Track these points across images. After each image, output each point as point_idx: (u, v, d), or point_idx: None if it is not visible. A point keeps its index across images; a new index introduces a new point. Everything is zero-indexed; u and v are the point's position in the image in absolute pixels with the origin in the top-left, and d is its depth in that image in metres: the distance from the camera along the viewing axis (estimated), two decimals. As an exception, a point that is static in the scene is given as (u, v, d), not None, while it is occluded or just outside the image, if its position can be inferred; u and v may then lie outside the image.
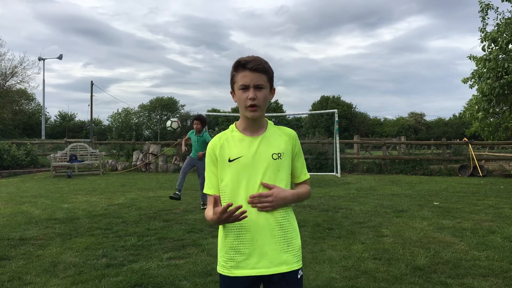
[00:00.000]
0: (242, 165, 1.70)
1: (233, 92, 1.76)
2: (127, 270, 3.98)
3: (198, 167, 7.41)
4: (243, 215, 1.57)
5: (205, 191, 1.78)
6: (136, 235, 5.33)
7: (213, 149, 1.76)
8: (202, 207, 7.23)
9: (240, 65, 1.69)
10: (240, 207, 1.56)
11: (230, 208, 1.54)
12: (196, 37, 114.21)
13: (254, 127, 1.75)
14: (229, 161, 1.72)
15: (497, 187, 10.27)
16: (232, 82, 1.74)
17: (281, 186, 1.71)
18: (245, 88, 1.68)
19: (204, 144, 7.35)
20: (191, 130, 7.65)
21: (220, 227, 1.76)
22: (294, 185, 1.85)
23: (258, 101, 1.67)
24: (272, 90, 1.75)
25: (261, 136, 1.75)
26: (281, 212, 1.70)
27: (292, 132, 1.82)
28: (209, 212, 1.70)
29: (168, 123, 7.57)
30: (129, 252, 4.60)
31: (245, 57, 1.71)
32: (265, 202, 1.65)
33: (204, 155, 7.15)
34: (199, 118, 7.62)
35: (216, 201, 1.59)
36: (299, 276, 1.73)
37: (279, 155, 1.73)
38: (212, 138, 1.95)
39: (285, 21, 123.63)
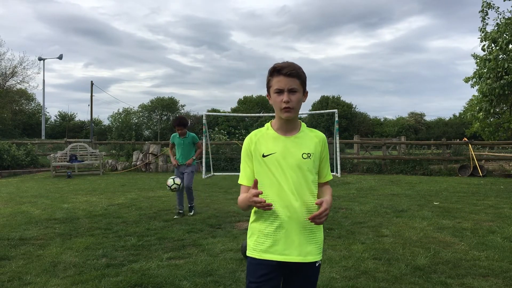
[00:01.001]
0: (274, 161, 1.86)
1: (269, 95, 1.91)
2: (127, 270, 3.98)
3: (185, 172, 6.77)
4: (268, 207, 1.73)
5: (239, 181, 1.94)
6: (136, 235, 5.33)
7: (249, 144, 1.93)
8: (175, 216, 6.54)
9: (276, 71, 1.83)
10: (267, 203, 1.72)
11: (261, 197, 1.72)
12: (196, 37, 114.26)
13: (287, 127, 1.90)
14: (263, 156, 1.88)
15: (497, 187, 10.27)
16: (268, 86, 1.89)
17: (308, 183, 1.87)
18: (280, 91, 1.83)
19: (192, 145, 6.81)
20: (173, 135, 6.90)
21: (253, 213, 1.92)
22: (318, 184, 1.99)
23: (292, 104, 1.82)
24: (305, 93, 1.90)
25: (294, 136, 1.90)
26: (307, 207, 1.84)
27: (322, 135, 1.98)
28: (241, 196, 1.88)
29: (170, 182, 6.40)
30: (129, 252, 4.60)
31: (280, 63, 1.85)
32: (322, 219, 1.77)
33: (194, 160, 6.79)
34: (181, 122, 6.74)
35: (255, 184, 1.74)
36: (317, 265, 1.90)
37: (309, 155, 1.88)
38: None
39: (286, 21, 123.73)
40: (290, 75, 1.81)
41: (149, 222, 6.12)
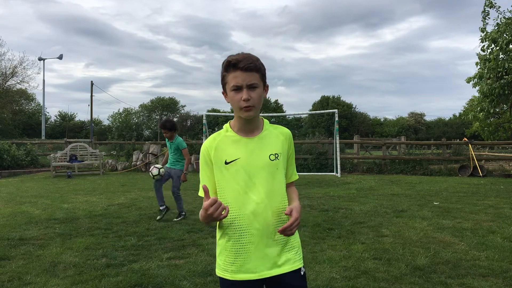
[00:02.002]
0: (239, 167, 1.65)
1: (225, 92, 1.69)
2: (127, 270, 3.98)
3: (172, 176, 6.60)
4: (223, 215, 1.53)
5: (199, 193, 1.69)
6: (136, 235, 5.33)
7: (208, 151, 1.70)
8: (158, 217, 6.37)
9: (231, 65, 1.60)
10: (223, 206, 1.52)
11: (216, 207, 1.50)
12: (197, 37, 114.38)
13: (249, 127, 1.69)
14: (226, 163, 1.66)
15: (497, 187, 10.27)
16: (224, 83, 1.66)
17: (279, 187, 1.69)
18: (237, 88, 1.60)
19: (178, 151, 6.55)
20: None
21: (219, 230, 1.73)
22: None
23: (252, 101, 1.60)
24: (265, 88, 1.68)
25: (257, 137, 1.70)
26: (278, 214, 1.67)
27: (288, 131, 1.79)
28: (202, 211, 1.62)
29: (155, 171, 6.27)
30: (129, 252, 4.60)
31: (235, 56, 1.62)
32: (294, 229, 1.63)
33: (185, 175, 6.63)
34: (165, 125, 6.44)
35: (206, 193, 1.53)
36: (302, 273, 1.71)
37: (277, 155, 1.69)
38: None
39: (287, 21, 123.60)
40: (248, 69, 1.58)
41: (149, 222, 6.12)
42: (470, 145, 14.49)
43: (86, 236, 5.31)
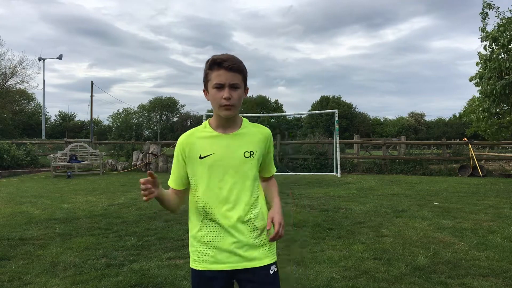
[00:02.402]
0: (213, 162, 1.70)
1: (206, 90, 1.74)
2: (127, 270, 3.98)
3: None
4: (146, 192, 1.59)
5: (168, 183, 1.80)
6: (136, 235, 5.33)
7: (183, 145, 1.75)
8: None
9: (216, 64, 1.66)
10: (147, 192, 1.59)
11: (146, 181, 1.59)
12: (198, 37, 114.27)
13: (227, 125, 1.74)
14: (200, 158, 1.71)
15: (497, 187, 10.27)
16: (206, 80, 1.71)
17: (251, 183, 1.74)
18: (220, 87, 1.66)
19: None
20: None
21: (191, 222, 1.79)
22: (261, 178, 1.90)
23: (233, 101, 1.66)
24: (245, 90, 1.74)
25: (234, 134, 1.74)
26: (249, 208, 1.72)
27: (267, 131, 1.82)
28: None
29: None
30: (129, 252, 4.60)
31: (220, 55, 1.68)
32: (282, 233, 1.71)
33: None
34: None
35: (151, 175, 1.59)
36: (271, 272, 1.73)
37: (251, 153, 1.74)
38: None
39: (291, 22, 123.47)
40: (231, 69, 1.65)
41: (149, 222, 6.12)
42: (470, 145, 14.49)
43: (86, 236, 5.31)
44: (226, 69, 1.64)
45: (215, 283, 1.71)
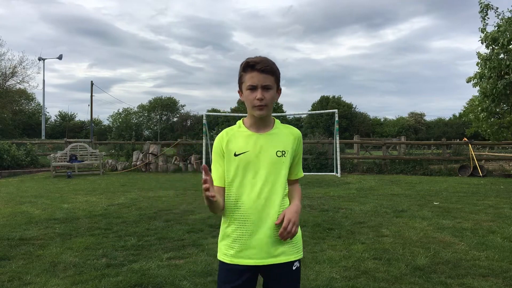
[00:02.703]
0: (247, 159, 1.77)
1: (240, 91, 1.81)
2: (127, 270, 3.97)
3: None
4: (210, 194, 1.57)
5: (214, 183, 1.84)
6: (136, 235, 5.33)
7: (221, 143, 1.82)
8: None
9: (249, 66, 1.73)
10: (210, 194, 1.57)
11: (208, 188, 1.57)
12: (198, 37, 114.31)
13: (260, 124, 1.82)
14: (235, 155, 1.78)
15: (497, 187, 10.27)
16: (240, 82, 1.79)
17: (281, 182, 1.79)
18: (253, 88, 1.73)
19: None
20: None
21: (223, 217, 1.85)
22: (288, 182, 1.90)
23: (265, 101, 1.73)
24: (278, 90, 1.81)
25: (267, 133, 1.81)
26: (281, 205, 1.78)
27: (298, 132, 1.89)
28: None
29: None
30: (129, 252, 4.60)
31: (253, 58, 1.75)
32: (291, 230, 1.73)
33: None
34: None
35: (206, 171, 1.57)
36: (294, 268, 1.80)
37: (283, 152, 1.80)
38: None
39: (291, 22, 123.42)
40: (264, 71, 1.72)
41: (149, 222, 6.12)
42: (470, 145, 14.49)
43: (86, 236, 5.31)
44: (258, 71, 1.71)
45: (241, 276, 1.76)
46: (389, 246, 4.74)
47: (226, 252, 1.80)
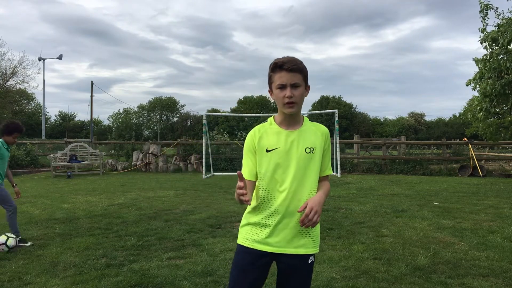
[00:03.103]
0: (278, 155, 1.88)
1: (271, 91, 1.91)
2: (127, 270, 3.98)
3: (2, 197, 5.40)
4: (244, 198, 1.69)
5: (243, 175, 1.92)
6: (136, 235, 5.33)
7: (253, 139, 1.92)
8: (26, 244, 4.90)
9: (277, 66, 1.83)
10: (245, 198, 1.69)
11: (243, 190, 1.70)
12: (198, 37, 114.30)
13: (290, 122, 1.92)
14: (267, 151, 1.89)
15: (497, 187, 10.27)
16: (270, 82, 1.90)
17: (310, 177, 1.89)
18: (282, 87, 1.83)
19: (3, 161, 5.42)
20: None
21: (250, 205, 1.93)
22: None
23: (295, 99, 1.83)
24: (307, 88, 1.91)
25: (297, 131, 1.91)
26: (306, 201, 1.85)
27: (325, 129, 2.00)
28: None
29: (11, 241, 4.70)
30: (129, 252, 4.60)
31: (281, 58, 1.85)
32: (312, 218, 1.78)
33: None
34: (22, 128, 5.23)
35: (240, 177, 1.71)
36: (309, 261, 1.90)
37: (312, 149, 1.90)
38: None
39: (292, 22, 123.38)
40: (292, 70, 1.81)
41: (149, 222, 6.11)
42: (470, 145, 14.49)
43: (86, 236, 5.31)
44: (287, 71, 1.81)
45: (257, 261, 1.87)
46: (389, 246, 4.74)
47: (247, 237, 1.90)
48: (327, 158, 1.98)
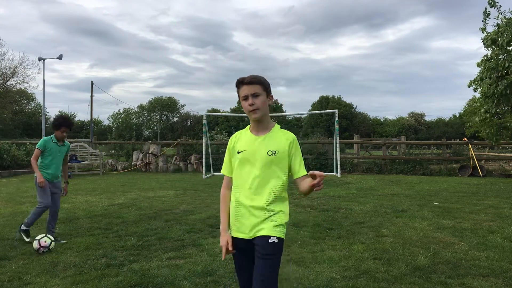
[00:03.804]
0: (245, 157, 2.20)
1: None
2: (127, 270, 3.98)
3: (55, 196, 5.33)
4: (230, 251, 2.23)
5: (221, 171, 2.36)
6: (136, 235, 5.33)
7: (232, 142, 2.29)
8: (25, 238, 5.11)
9: (240, 82, 2.18)
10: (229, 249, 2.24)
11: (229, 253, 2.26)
12: (198, 37, 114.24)
13: (259, 128, 2.23)
14: (238, 152, 2.23)
15: (497, 187, 10.27)
16: (239, 96, 2.22)
17: (274, 179, 2.17)
18: (246, 98, 2.16)
19: (66, 155, 5.39)
20: (48, 138, 5.19)
21: (232, 202, 2.26)
22: (297, 180, 2.22)
23: (256, 106, 2.14)
24: (269, 97, 2.21)
25: (264, 136, 2.21)
26: (268, 195, 2.15)
27: (292, 136, 2.23)
28: (223, 190, 2.32)
29: (46, 240, 4.63)
30: (129, 252, 4.60)
31: (243, 77, 2.18)
32: (322, 181, 1.96)
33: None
34: (69, 123, 5.28)
35: (231, 251, 2.23)
36: (270, 241, 2.10)
37: (274, 152, 2.16)
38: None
39: (292, 22, 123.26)
40: (251, 82, 2.14)
41: (149, 222, 6.12)
42: (470, 145, 14.49)
43: (86, 236, 5.31)
44: (247, 84, 2.15)
45: (239, 245, 2.23)
46: (389, 246, 4.74)
47: (231, 227, 2.26)
48: (297, 161, 2.21)
